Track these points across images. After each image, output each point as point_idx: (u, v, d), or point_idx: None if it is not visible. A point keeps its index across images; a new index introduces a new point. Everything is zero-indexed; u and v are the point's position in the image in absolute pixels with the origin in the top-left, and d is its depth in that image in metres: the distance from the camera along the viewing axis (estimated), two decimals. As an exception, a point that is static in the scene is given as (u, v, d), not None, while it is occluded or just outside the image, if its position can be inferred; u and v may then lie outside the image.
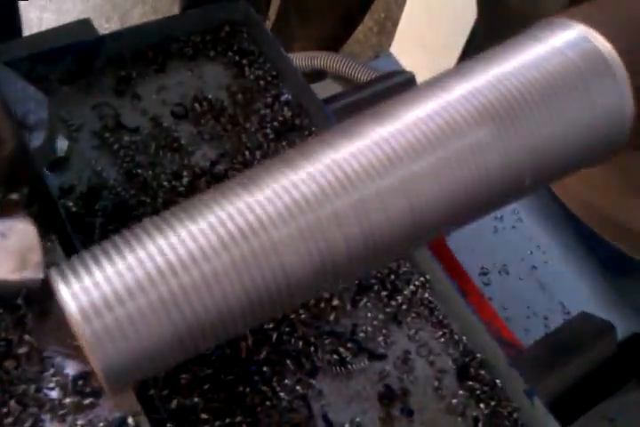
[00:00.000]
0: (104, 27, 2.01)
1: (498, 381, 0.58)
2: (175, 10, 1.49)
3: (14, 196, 0.29)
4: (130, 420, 0.43)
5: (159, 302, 0.26)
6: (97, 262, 0.26)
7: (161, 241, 0.26)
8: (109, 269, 0.26)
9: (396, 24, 1.46)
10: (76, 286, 0.26)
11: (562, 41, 0.30)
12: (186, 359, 0.28)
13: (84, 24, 0.76)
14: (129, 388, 0.27)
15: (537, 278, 1.09)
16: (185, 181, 0.63)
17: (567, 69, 0.29)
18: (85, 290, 0.26)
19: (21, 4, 1.00)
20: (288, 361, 0.55)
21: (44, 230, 0.31)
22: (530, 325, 1.03)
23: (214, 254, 0.26)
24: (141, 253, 0.26)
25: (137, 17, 2.04)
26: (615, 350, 0.69)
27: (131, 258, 0.26)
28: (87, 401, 0.43)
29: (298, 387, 0.54)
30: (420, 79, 1.14)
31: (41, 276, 0.28)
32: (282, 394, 0.53)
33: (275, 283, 0.27)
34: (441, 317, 0.61)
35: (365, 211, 0.28)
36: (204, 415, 0.50)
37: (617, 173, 0.43)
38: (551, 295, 1.08)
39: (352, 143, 0.29)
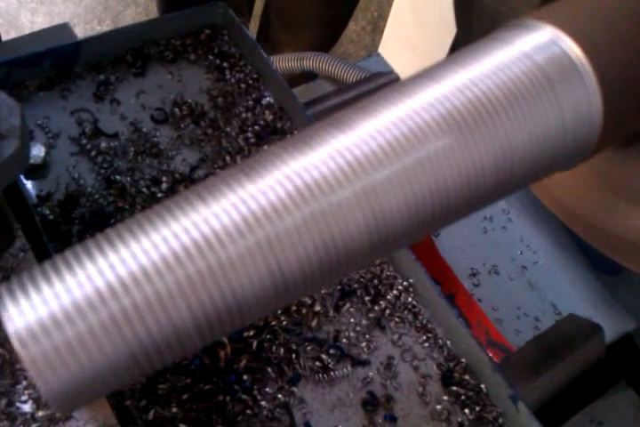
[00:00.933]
0: (96, 29, 2.00)
1: (482, 386, 0.58)
2: (165, 12, 1.48)
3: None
4: (104, 432, 0.42)
5: (101, 325, 0.24)
6: (35, 285, 0.25)
7: (112, 256, 0.25)
8: (56, 288, 0.25)
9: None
10: (16, 306, 0.25)
11: (529, 44, 0.29)
12: (138, 378, 0.27)
13: (63, 28, 0.76)
14: (80, 407, 0.27)
15: (527, 279, 1.09)
16: (164, 186, 0.62)
17: (534, 74, 0.28)
18: (24, 311, 0.24)
19: (12, 8, 0.99)
20: (269, 369, 0.54)
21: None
22: (520, 325, 1.02)
23: (167, 271, 0.25)
24: (90, 270, 0.25)
25: (129, 19, 2.02)
26: (603, 352, 0.69)
27: (80, 275, 0.25)
28: (61, 415, 0.43)
29: (279, 395, 0.54)
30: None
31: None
32: (263, 402, 0.53)
33: (224, 301, 0.26)
34: (425, 321, 0.60)
35: (326, 222, 0.27)
36: (182, 426, 0.49)
37: (596, 177, 0.42)
38: (542, 296, 1.07)
39: (313, 152, 0.28)
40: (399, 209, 0.28)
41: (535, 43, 0.30)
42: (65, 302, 0.24)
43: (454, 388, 0.57)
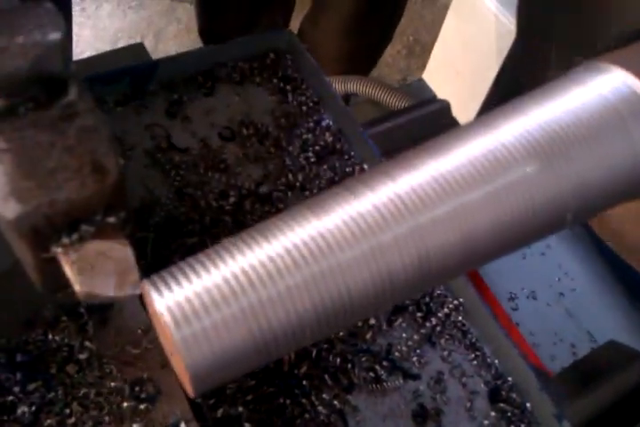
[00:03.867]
0: (139, 44, 2.07)
1: (528, 404, 0.60)
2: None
3: (112, 219, 0.31)
4: (182, 425, 0.45)
5: (240, 314, 0.28)
6: (186, 277, 0.29)
7: (241, 260, 0.29)
8: (197, 284, 0.29)
9: (424, 48, 1.50)
10: (168, 297, 0.28)
11: (603, 85, 0.32)
12: (260, 365, 0.30)
13: (138, 48, 0.81)
14: (214, 386, 0.30)
15: (564, 305, 1.10)
16: (231, 200, 0.66)
17: (609, 112, 0.32)
18: (176, 301, 0.28)
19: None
20: (326, 376, 0.57)
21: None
22: (556, 351, 1.03)
23: (288, 274, 0.29)
24: (224, 271, 0.29)
25: (171, 35, 2.09)
26: None
27: (215, 274, 0.29)
28: (143, 406, 0.46)
29: (335, 402, 0.56)
30: (453, 106, 1.18)
31: (138, 292, 0.30)
32: (320, 408, 0.55)
33: (340, 301, 0.30)
34: (474, 340, 0.63)
35: (422, 238, 0.30)
36: (247, 425, 0.52)
37: None
38: (578, 323, 1.08)
39: (411, 176, 0.31)
40: (485, 227, 0.31)
41: (608, 84, 0.33)
42: (212, 291, 0.27)
43: (501, 405, 0.60)
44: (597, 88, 0.33)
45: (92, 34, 2.03)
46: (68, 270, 0.31)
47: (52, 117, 0.30)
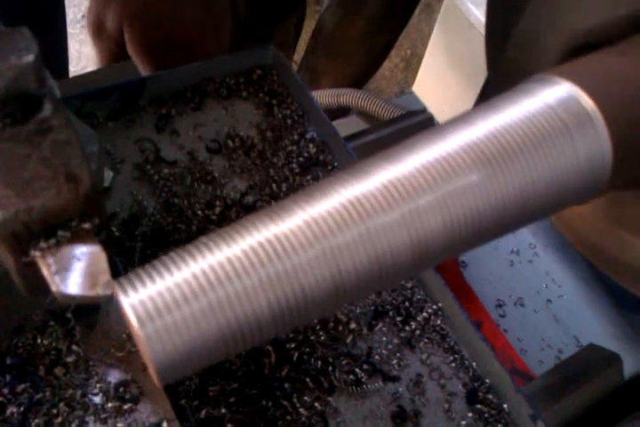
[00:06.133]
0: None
1: (505, 405, 0.62)
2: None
3: (86, 225, 0.34)
4: (164, 425, 0.47)
5: (199, 312, 0.30)
6: (150, 277, 0.31)
7: (201, 262, 0.31)
8: (160, 284, 0.31)
9: (421, 61, 1.53)
10: (133, 296, 0.30)
11: (551, 97, 0.35)
12: (220, 359, 0.32)
13: (128, 65, 0.84)
14: (176, 378, 0.32)
15: (552, 312, 1.12)
16: (217, 210, 0.68)
17: (554, 122, 0.34)
18: (140, 300, 0.30)
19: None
20: (307, 379, 0.59)
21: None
22: (544, 357, 1.05)
23: (245, 274, 0.31)
24: (185, 272, 0.31)
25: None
26: (621, 381, 0.72)
27: (177, 275, 0.31)
28: (127, 406, 0.48)
29: (316, 404, 0.58)
30: (441, 118, 1.20)
31: (110, 293, 0.33)
32: (301, 410, 0.57)
33: (294, 301, 0.31)
34: (452, 343, 0.65)
35: (372, 242, 0.32)
36: (229, 426, 0.54)
37: (612, 213, 0.47)
38: (565, 329, 1.10)
39: (363, 184, 0.33)
40: (438, 231, 0.33)
41: (556, 96, 0.35)
42: (173, 291, 0.30)
43: (478, 406, 0.61)
44: (544, 99, 0.35)
45: (93, 51, 2.07)
46: (46, 273, 0.33)
47: (28, 132, 0.32)
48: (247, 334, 0.31)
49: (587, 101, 0.34)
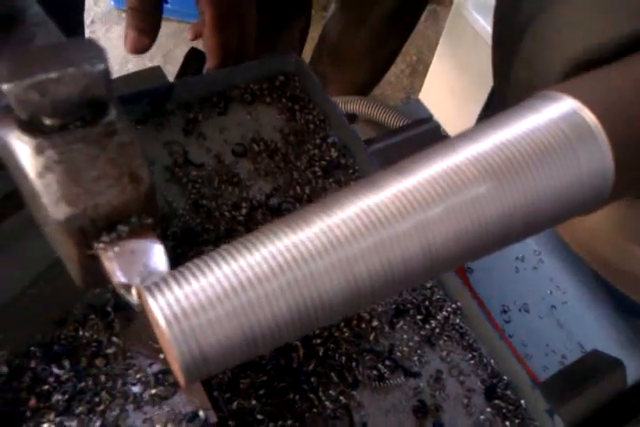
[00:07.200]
0: (147, 65, 2.13)
1: (522, 401, 0.64)
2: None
3: (148, 221, 0.36)
4: (201, 413, 0.49)
5: (224, 316, 0.31)
6: (177, 282, 0.32)
7: (225, 268, 0.32)
8: (186, 288, 0.32)
9: (427, 67, 1.55)
10: (161, 299, 0.32)
11: (555, 112, 0.36)
12: (243, 361, 0.34)
13: (156, 70, 0.86)
14: (203, 378, 0.34)
15: (556, 318, 1.14)
16: (243, 211, 0.71)
17: (558, 136, 0.35)
18: (168, 303, 0.31)
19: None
20: (333, 374, 0.61)
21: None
22: (548, 362, 1.07)
23: (266, 280, 0.32)
24: (210, 277, 0.32)
25: (179, 57, 2.15)
26: (624, 386, 0.74)
27: (202, 280, 0.32)
28: (164, 395, 0.50)
29: (341, 397, 0.60)
30: (447, 125, 1.22)
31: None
32: (327, 403, 0.60)
33: (312, 306, 0.33)
34: (471, 341, 0.67)
35: (385, 250, 0.34)
36: (259, 417, 0.56)
37: (616, 222, 0.49)
38: (569, 334, 1.12)
39: (376, 195, 0.35)
40: (443, 241, 0.35)
41: (560, 111, 0.37)
42: (199, 295, 0.31)
43: (496, 401, 0.64)
44: (549, 114, 0.36)
45: (104, 56, 2.09)
46: (108, 265, 0.36)
47: (96, 134, 0.35)
48: (268, 336, 0.32)
49: (589, 116, 0.36)
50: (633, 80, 0.38)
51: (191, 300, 0.32)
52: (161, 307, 0.32)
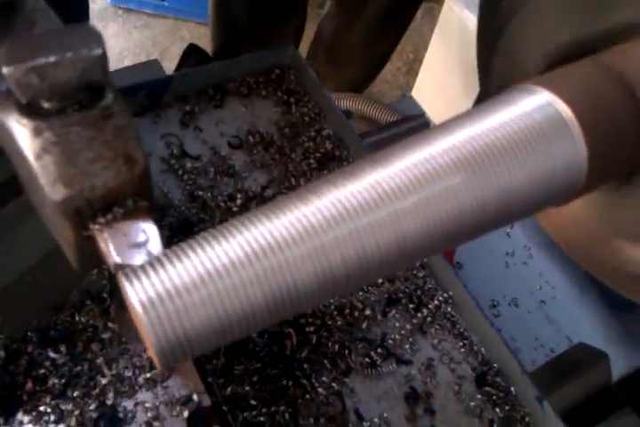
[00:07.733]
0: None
1: (512, 388, 0.65)
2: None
3: (143, 203, 0.37)
4: (194, 396, 0.50)
5: (199, 302, 0.32)
6: (153, 268, 0.33)
7: (202, 255, 0.33)
8: (162, 275, 0.32)
9: (423, 65, 1.56)
10: (137, 285, 0.32)
11: (530, 105, 0.36)
12: (219, 346, 0.34)
13: (153, 64, 0.87)
14: (178, 362, 0.34)
15: (545, 312, 1.15)
16: (239, 202, 0.72)
17: (533, 129, 0.36)
18: (144, 288, 0.32)
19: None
20: (325, 361, 0.62)
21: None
22: (537, 356, 1.08)
23: (242, 267, 0.32)
24: (187, 264, 0.32)
25: (175, 54, 2.13)
26: (609, 378, 0.75)
27: (179, 266, 0.32)
28: (159, 379, 0.51)
29: (333, 384, 0.61)
30: (439, 121, 1.23)
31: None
32: (320, 389, 0.61)
33: (288, 292, 0.33)
34: (462, 329, 0.68)
35: (360, 239, 0.34)
36: (253, 402, 0.57)
37: (598, 214, 0.50)
38: (558, 329, 1.13)
39: (352, 184, 0.35)
40: (416, 230, 0.35)
41: (535, 104, 0.37)
42: (174, 281, 0.32)
43: (487, 388, 0.65)
44: (524, 106, 0.37)
45: (99, 52, 2.10)
46: (103, 245, 0.37)
47: (93, 117, 0.36)
48: (243, 322, 0.33)
49: (563, 108, 0.36)
50: (606, 73, 0.39)
51: (167, 285, 0.32)
52: (137, 292, 0.32)
